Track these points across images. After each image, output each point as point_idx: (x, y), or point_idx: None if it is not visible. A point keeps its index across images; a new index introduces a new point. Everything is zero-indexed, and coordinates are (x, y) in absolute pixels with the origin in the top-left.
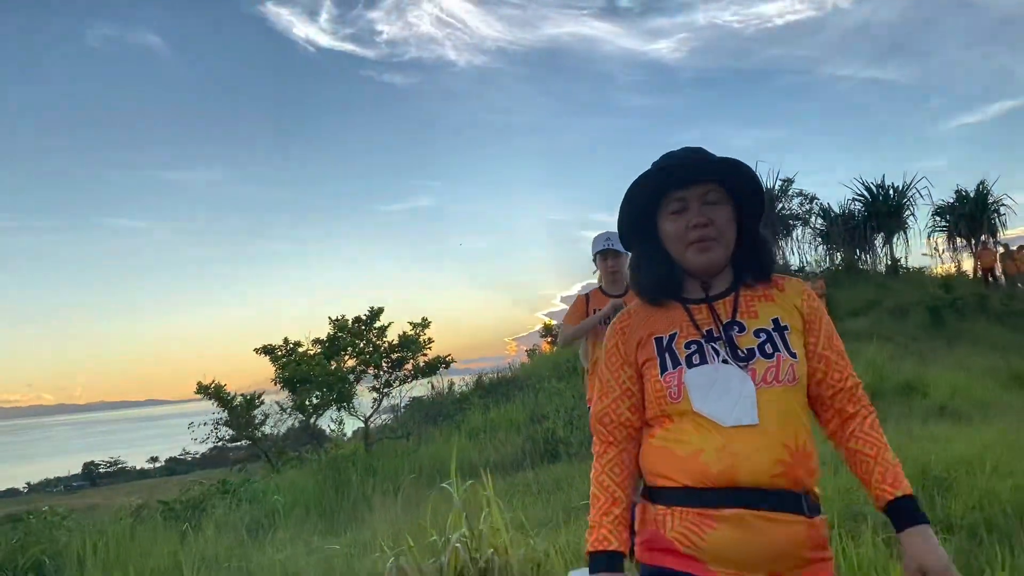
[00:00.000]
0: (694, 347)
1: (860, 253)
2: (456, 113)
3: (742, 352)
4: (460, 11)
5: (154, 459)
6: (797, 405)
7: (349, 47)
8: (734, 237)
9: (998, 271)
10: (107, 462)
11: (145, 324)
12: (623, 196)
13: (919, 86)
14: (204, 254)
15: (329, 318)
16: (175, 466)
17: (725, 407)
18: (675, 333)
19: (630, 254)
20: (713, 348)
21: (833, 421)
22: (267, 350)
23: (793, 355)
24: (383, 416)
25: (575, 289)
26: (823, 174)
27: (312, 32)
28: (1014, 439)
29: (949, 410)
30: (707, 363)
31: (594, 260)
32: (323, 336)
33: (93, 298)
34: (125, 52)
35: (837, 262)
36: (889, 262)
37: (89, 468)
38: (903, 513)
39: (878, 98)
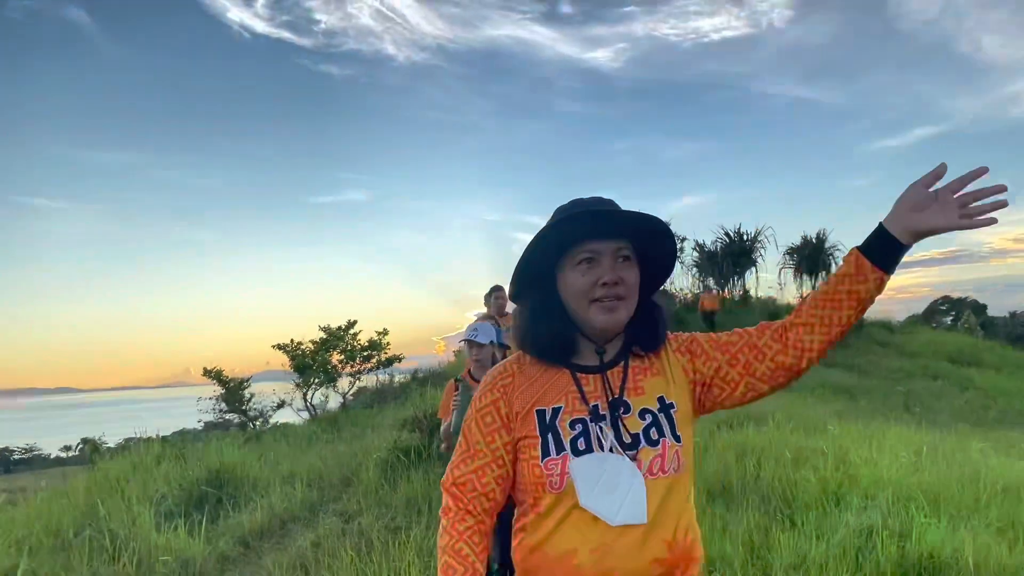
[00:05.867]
0: (579, 427)
1: (723, 283)
2: (392, 108)
3: (628, 437)
4: (400, 6)
5: (67, 447)
6: (681, 493)
7: (285, 34)
8: (637, 300)
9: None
10: (22, 448)
11: (56, 308)
12: (530, 240)
13: (845, 108)
14: (123, 238)
15: (319, 326)
16: (91, 455)
17: (612, 504)
18: (560, 407)
19: (518, 306)
20: (599, 430)
21: (790, 334)
22: (281, 346)
23: (678, 439)
24: (346, 398)
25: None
26: (746, 189)
27: (247, 17)
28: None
29: None
30: (593, 450)
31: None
32: (314, 338)
33: (1, 280)
34: (48, 26)
35: (700, 290)
36: (740, 292)
37: (5, 455)
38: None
39: (806, 117)
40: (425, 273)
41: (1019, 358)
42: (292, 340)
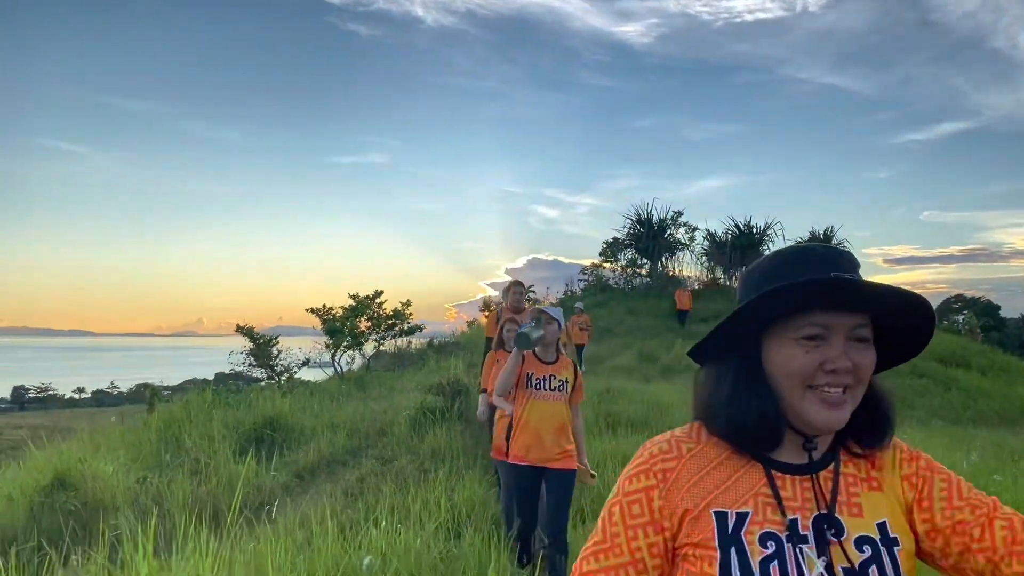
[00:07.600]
0: (772, 547)
1: (731, 272)
2: (417, 71)
3: (840, 573)
4: None
5: (80, 389)
6: None
7: None
8: (865, 390)
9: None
10: (38, 388)
11: (72, 251)
12: (743, 297)
13: (874, 97)
14: (142, 186)
15: (349, 294)
16: (103, 398)
17: None
18: (747, 513)
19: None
20: (800, 554)
21: None
22: (314, 310)
23: None
24: (371, 360)
25: (520, 262)
26: (767, 174)
27: None
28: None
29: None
30: None
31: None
32: (344, 304)
33: (20, 220)
34: None
35: (709, 277)
36: None
37: (20, 392)
38: None
39: (833, 104)
40: (440, 239)
41: (1007, 362)
42: (324, 305)
